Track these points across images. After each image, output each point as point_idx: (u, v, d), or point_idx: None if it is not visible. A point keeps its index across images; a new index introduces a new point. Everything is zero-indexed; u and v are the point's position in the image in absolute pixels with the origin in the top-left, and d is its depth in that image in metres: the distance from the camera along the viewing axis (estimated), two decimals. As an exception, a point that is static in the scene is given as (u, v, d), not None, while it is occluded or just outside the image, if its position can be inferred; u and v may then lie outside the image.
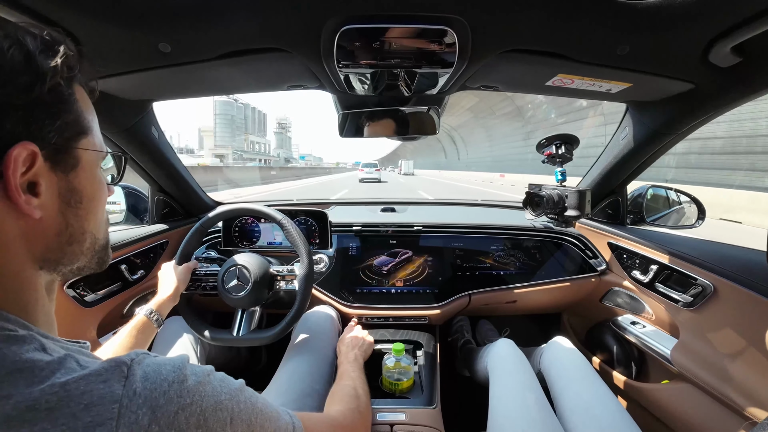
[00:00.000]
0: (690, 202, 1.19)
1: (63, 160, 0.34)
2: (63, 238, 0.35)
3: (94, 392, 0.27)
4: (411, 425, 0.82)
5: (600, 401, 0.80)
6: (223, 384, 0.36)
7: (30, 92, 0.30)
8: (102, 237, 0.40)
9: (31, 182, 0.31)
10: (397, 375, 0.95)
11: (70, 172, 0.35)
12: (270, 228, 1.24)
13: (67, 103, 0.34)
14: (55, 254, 0.35)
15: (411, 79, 0.78)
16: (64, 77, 0.33)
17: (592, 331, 1.33)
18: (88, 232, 0.37)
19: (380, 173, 24.45)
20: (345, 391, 0.73)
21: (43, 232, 0.33)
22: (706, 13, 0.54)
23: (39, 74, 0.31)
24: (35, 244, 0.33)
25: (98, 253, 0.40)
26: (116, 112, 0.91)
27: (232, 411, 0.34)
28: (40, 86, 0.31)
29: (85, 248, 0.38)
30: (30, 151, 0.30)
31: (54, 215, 0.34)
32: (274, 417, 0.40)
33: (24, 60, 0.30)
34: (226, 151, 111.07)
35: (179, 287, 0.87)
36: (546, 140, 1.17)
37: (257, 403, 0.38)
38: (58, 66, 0.32)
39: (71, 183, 0.35)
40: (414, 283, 1.25)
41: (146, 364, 0.31)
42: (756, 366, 0.75)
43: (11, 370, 0.26)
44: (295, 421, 0.44)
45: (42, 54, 0.31)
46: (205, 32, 0.62)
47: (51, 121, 0.32)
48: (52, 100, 0.33)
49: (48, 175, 0.33)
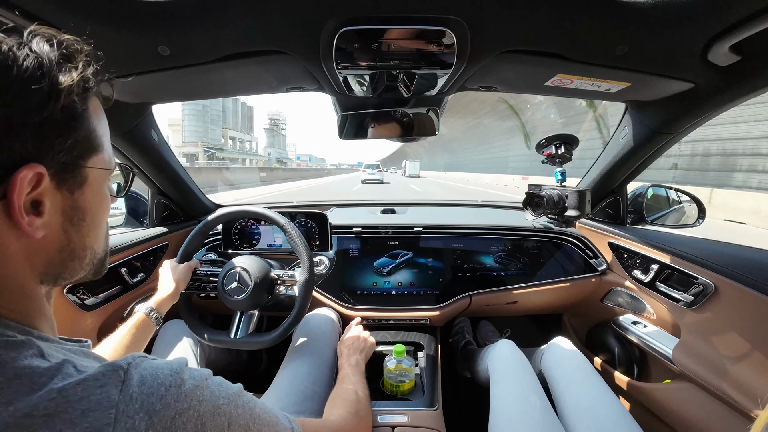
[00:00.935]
0: (690, 202, 1.19)
1: (70, 179, 0.33)
2: (64, 254, 0.34)
3: (91, 398, 0.27)
4: (413, 427, 0.82)
5: (601, 402, 0.80)
6: (221, 388, 0.35)
7: (42, 110, 0.28)
8: (101, 251, 0.40)
9: (35, 200, 0.30)
10: (398, 377, 0.95)
11: (76, 191, 0.34)
12: (270, 230, 1.24)
13: (80, 120, 0.32)
14: (56, 269, 0.34)
15: (410, 81, 0.78)
16: (79, 93, 0.31)
17: (593, 331, 1.32)
18: (89, 248, 0.37)
19: (382, 174, 24.58)
20: (345, 395, 0.73)
21: (44, 248, 0.33)
22: (704, 12, 0.54)
23: (53, 90, 0.29)
24: (37, 260, 0.32)
25: (96, 266, 0.39)
26: (115, 116, 0.90)
27: (230, 416, 0.34)
28: (54, 103, 0.29)
29: (85, 263, 0.37)
30: (36, 172, 0.29)
31: (56, 232, 0.33)
32: (273, 422, 0.40)
33: (37, 74, 0.28)
34: (196, 149, 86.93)
35: (179, 286, 0.86)
36: (545, 140, 1.17)
37: (255, 407, 0.38)
38: (74, 82, 0.30)
39: (76, 201, 0.34)
40: (414, 284, 1.24)
41: (143, 368, 0.31)
42: (757, 365, 0.75)
43: (10, 376, 0.26)
44: (294, 426, 0.43)
45: (58, 67, 0.29)
46: (204, 35, 0.62)
47: (62, 140, 0.30)
48: (64, 118, 0.30)
49: (53, 193, 0.31)
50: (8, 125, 0.27)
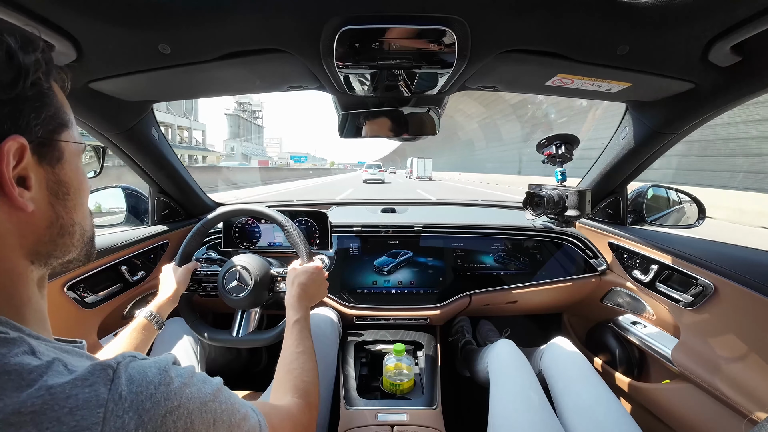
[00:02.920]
0: (690, 202, 1.19)
1: (49, 153, 0.35)
2: (54, 230, 0.36)
3: (79, 396, 0.27)
4: (412, 426, 0.82)
5: (601, 402, 0.80)
6: (206, 385, 0.36)
7: (14, 88, 0.31)
8: (89, 228, 0.41)
9: (21, 176, 0.33)
10: (397, 376, 0.95)
11: (56, 165, 0.36)
12: (270, 229, 1.24)
13: (48, 97, 0.35)
14: (46, 247, 0.36)
15: (411, 80, 0.78)
16: (43, 72, 0.34)
17: (593, 331, 1.33)
18: (77, 223, 0.38)
19: (384, 174, 24.65)
20: (297, 373, 0.64)
21: (34, 224, 0.34)
22: (705, 12, 0.54)
23: (21, 70, 0.32)
24: (27, 238, 0.34)
25: (86, 245, 0.40)
26: (116, 114, 0.91)
27: (215, 412, 0.35)
28: (23, 81, 0.32)
29: (76, 240, 0.38)
30: (20, 144, 0.31)
31: (44, 208, 0.35)
32: (248, 416, 0.40)
33: (6, 57, 0.31)
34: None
35: (179, 289, 0.87)
36: (546, 140, 1.17)
37: (235, 402, 0.39)
38: (39, 60, 0.33)
39: (58, 175, 0.36)
40: (414, 283, 1.25)
41: (132, 366, 0.31)
42: (757, 365, 0.75)
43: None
44: (261, 419, 0.43)
45: (22, 50, 0.32)
46: (204, 33, 0.62)
47: (35, 114, 0.34)
48: (35, 95, 0.34)
49: (36, 168, 0.34)
50: None
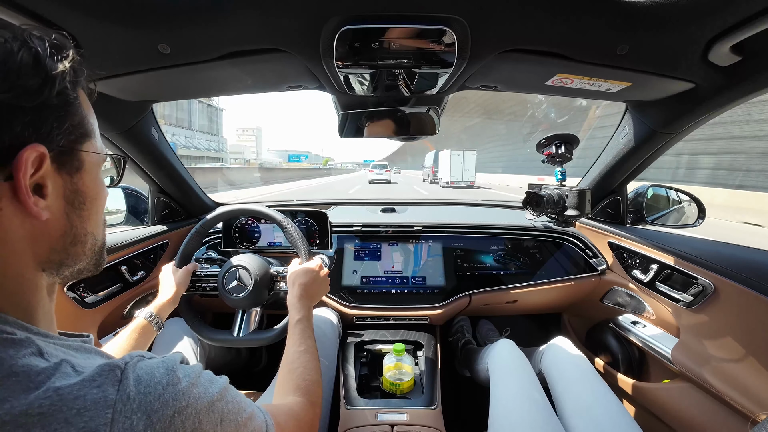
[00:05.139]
0: (690, 201, 1.19)
1: (68, 162, 0.35)
2: (67, 240, 0.35)
3: (87, 397, 0.27)
4: (412, 425, 0.82)
5: (601, 401, 0.80)
6: (213, 384, 0.36)
7: (39, 95, 0.31)
8: (100, 238, 0.41)
9: (37, 184, 0.32)
10: (397, 375, 0.95)
11: (75, 174, 0.36)
12: (270, 228, 1.24)
13: (73, 106, 0.35)
14: (59, 255, 0.35)
15: (410, 79, 0.78)
16: (70, 81, 0.34)
17: (593, 331, 1.33)
18: (89, 233, 0.38)
19: (390, 174, 24.29)
20: (300, 372, 0.63)
21: (48, 233, 0.34)
22: (705, 12, 0.54)
23: (48, 77, 0.31)
24: (40, 246, 0.33)
25: (97, 254, 0.40)
26: (116, 114, 0.91)
27: (222, 411, 0.35)
28: (49, 89, 0.31)
29: (87, 249, 0.38)
30: (39, 152, 0.31)
31: (59, 217, 0.34)
32: (254, 415, 0.41)
33: (33, 63, 0.31)
34: None
35: (179, 290, 0.87)
36: (546, 140, 1.17)
37: (241, 402, 0.39)
38: (66, 70, 0.33)
39: (76, 185, 0.36)
40: (414, 283, 1.25)
41: (139, 367, 0.31)
42: (756, 365, 0.75)
43: (7, 374, 0.26)
44: (267, 418, 0.43)
45: (50, 57, 0.32)
46: (204, 33, 0.62)
47: (58, 124, 0.33)
48: (59, 103, 0.33)
49: (54, 177, 0.33)
50: (10, 109, 0.30)
